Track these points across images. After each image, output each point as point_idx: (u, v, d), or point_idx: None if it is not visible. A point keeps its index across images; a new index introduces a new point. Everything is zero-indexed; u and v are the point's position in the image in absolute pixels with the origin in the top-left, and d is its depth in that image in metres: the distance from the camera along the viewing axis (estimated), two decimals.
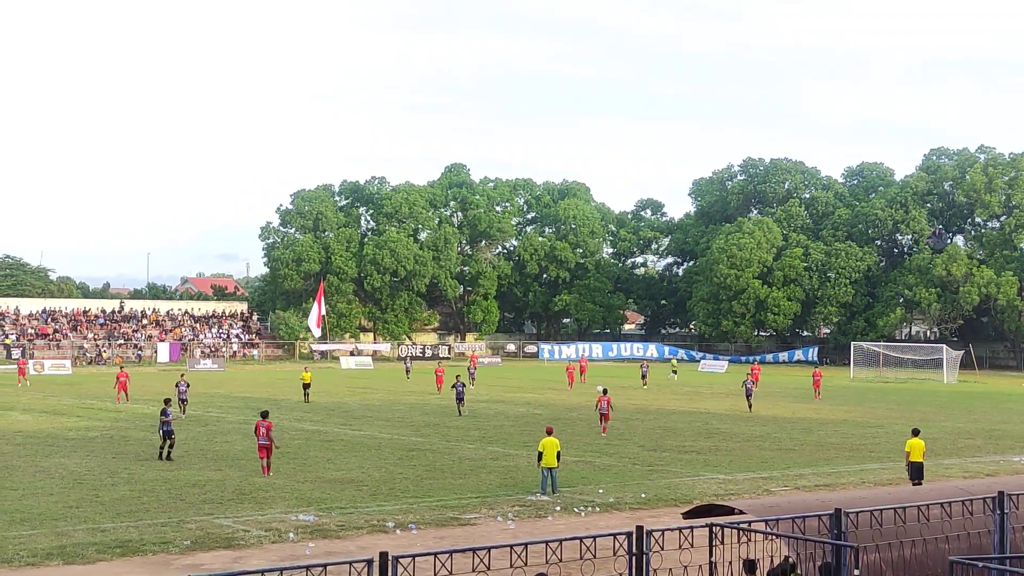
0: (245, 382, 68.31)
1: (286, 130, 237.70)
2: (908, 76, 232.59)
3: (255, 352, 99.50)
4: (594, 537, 11.19)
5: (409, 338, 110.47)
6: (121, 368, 57.15)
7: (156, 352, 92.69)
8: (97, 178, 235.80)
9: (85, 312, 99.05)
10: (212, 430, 41.04)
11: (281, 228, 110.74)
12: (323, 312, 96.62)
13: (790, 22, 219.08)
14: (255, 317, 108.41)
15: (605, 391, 41.91)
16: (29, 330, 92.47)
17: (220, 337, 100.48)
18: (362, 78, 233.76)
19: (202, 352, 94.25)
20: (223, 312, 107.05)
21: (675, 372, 78.45)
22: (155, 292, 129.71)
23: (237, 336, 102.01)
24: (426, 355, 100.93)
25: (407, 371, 75.28)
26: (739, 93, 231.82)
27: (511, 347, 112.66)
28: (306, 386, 54.34)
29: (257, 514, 24.31)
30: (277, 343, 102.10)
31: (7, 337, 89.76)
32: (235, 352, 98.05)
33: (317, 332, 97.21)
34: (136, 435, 38.94)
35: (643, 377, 68.59)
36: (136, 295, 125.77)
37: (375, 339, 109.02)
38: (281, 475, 29.84)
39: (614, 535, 11.35)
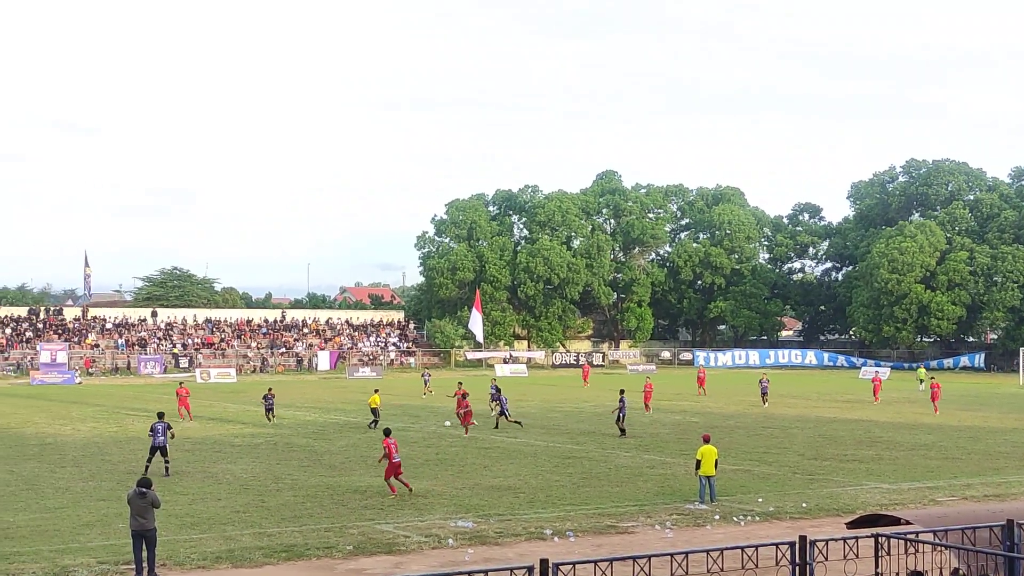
0: (402, 390, 69.24)
1: (440, 140, 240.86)
2: None
3: (411, 360, 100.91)
4: (756, 547, 11.04)
5: (563, 345, 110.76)
6: (181, 384, 53.02)
7: (316, 360, 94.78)
8: (259, 191, 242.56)
9: (248, 322, 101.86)
10: (372, 437, 41.69)
11: (436, 237, 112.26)
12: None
13: (953, 20, 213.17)
14: (411, 325, 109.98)
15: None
16: (196, 339, 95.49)
17: (377, 345, 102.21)
18: (513, 86, 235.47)
19: (360, 360, 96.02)
20: (380, 321, 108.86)
21: (923, 381, 69.73)
22: (315, 302, 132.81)
23: (394, 344, 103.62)
24: (579, 363, 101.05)
25: (425, 383, 67.19)
26: (899, 93, 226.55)
27: (666, 354, 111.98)
28: (375, 412, 46.15)
29: (417, 520, 24.62)
30: (433, 351, 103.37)
31: (175, 347, 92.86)
32: (392, 360, 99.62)
33: (481, 337, 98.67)
34: (299, 442, 39.83)
35: (763, 394, 58.39)
36: (297, 305, 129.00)
37: (529, 347, 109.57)
38: (440, 482, 30.18)
39: (776, 545, 11.17)
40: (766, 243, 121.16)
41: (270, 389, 48.93)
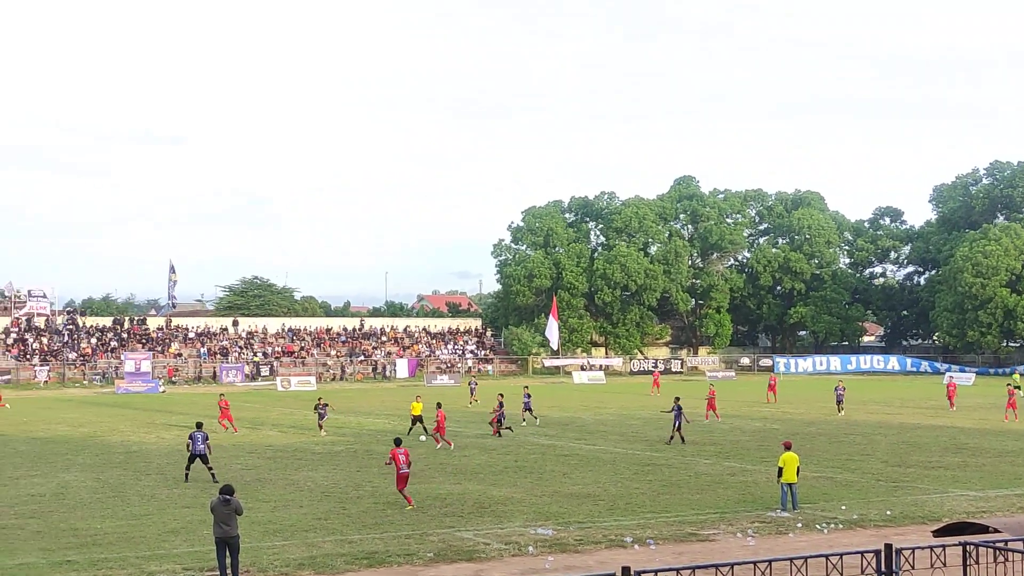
0: (480, 397, 69.41)
1: (517, 148, 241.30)
2: None
3: (489, 368, 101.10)
4: (840, 555, 10.92)
5: (641, 352, 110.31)
6: (221, 396, 51.02)
7: (395, 368, 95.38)
8: (338, 200, 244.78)
9: (328, 330, 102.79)
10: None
11: (513, 245, 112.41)
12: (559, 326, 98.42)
13: None
14: (488, 333, 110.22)
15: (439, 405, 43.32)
16: (276, 348, 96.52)
17: (455, 353, 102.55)
18: (588, 92, 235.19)
19: (438, 368, 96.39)
20: (458, 328, 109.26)
21: (1019, 388, 61.96)
22: (393, 310, 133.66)
23: (472, 352, 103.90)
24: (659, 369, 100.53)
25: (472, 392, 64.85)
26: (983, 93, 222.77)
27: (745, 360, 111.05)
28: (416, 419, 45.17)
29: (497, 527, 24.66)
30: (511, 359, 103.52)
31: (256, 355, 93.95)
32: (470, 368, 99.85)
33: (556, 344, 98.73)
34: (379, 449, 40.03)
35: (839, 402, 57.12)
36: (375, 313, 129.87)
37: (607, 354, 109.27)
38: (519, 489, 30.22)
39: (862, 553, 11.04)
40: (846, 248, 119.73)
41: (320, 399, 48.55)
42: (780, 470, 26.77)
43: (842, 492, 29.61)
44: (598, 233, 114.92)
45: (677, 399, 43.84)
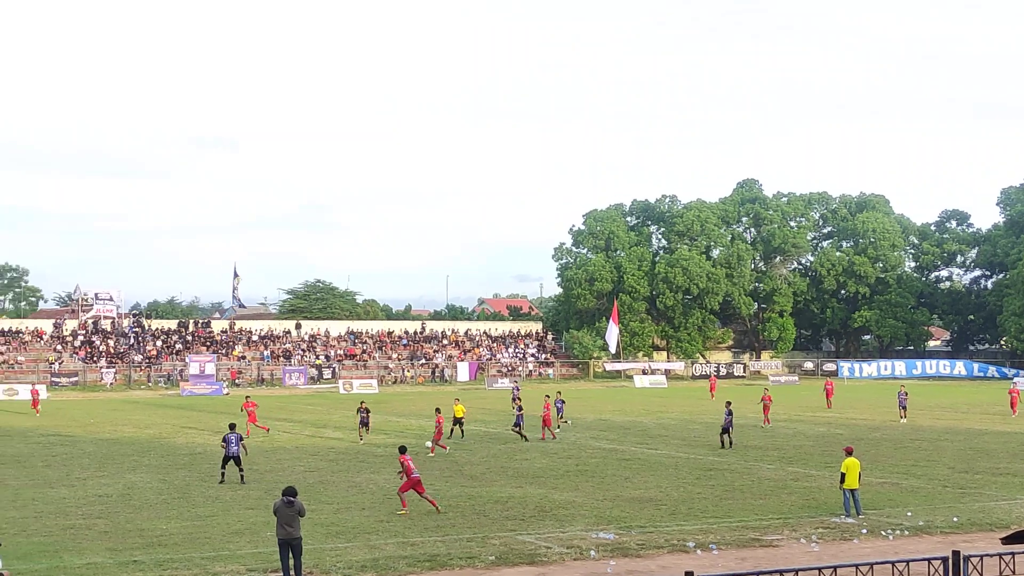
0: (540, 401, 69.38)
1: (578, 151, 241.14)
2: None
3: (550, 371, 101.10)
4: (907, 562, 10.79)
5: (703, 356, 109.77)
6: (247, 398, 51.25)
7: (456, 372, 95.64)
8: (399, 204, 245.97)
9: (389, 333, 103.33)
10: (511, 448, 41.92)
11: (574, 248, 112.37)
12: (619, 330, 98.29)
13: None
14: (550, 336, 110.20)
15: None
16: (338, 351, 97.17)
17: (516, 356, 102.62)
18: (648, 96, 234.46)
19: (499, 371, 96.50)
20: (518, 332, 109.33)
21: None
22: (454, 313, 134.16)
23: (532, 355, 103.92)
24: (720, 373, 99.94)
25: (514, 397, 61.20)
26: None
27: (808, 365, 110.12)
28: (458, 421, 45.49)
29: (558, 531, 24.63)
30: (572, 362, 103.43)
31: (318, 358, 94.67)
32: (531, 371, 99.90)
33: (614, 348, 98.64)
34: (440, 452, 40.14)
35: (902, 408, 54.97)
36: (436, 316, 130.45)
37: (668, 358, 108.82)
38: (580, 493, 30.17)
39: (928, 560, 10.90)
40: (912, 251, 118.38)
41: (363, 403, 47.60)
42: (843, 476, 26.54)
43: (908, 498, 29.26)
44: (660, 236, 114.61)
45: (728, 403, 43.66)
